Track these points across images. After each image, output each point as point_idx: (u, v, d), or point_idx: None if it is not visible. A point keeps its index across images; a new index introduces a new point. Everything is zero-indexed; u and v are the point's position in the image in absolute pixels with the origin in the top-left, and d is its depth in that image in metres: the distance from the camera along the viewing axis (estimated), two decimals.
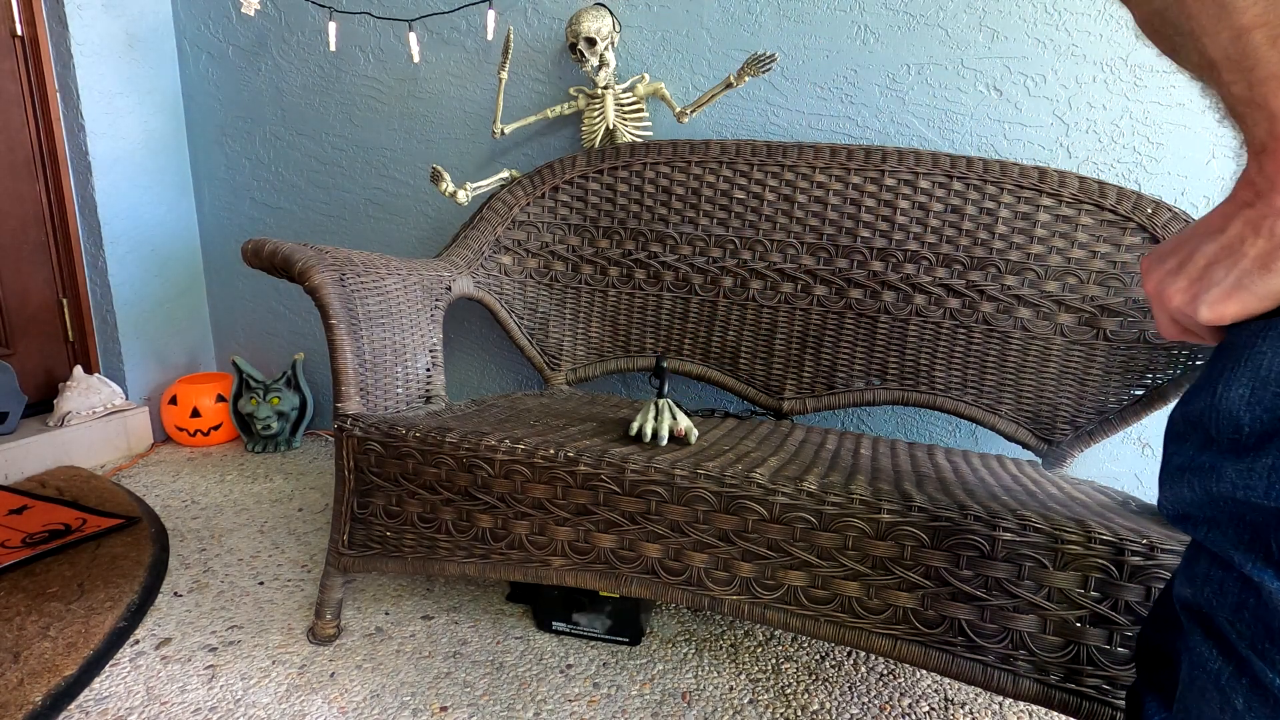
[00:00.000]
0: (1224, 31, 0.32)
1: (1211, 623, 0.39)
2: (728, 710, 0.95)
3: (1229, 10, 0.32)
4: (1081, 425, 1.19)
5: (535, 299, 1.44)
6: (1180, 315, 0.39)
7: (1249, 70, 0.32)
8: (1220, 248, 0.36)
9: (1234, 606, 0.37)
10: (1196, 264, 0.37)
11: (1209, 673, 0.39)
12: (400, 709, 0.93)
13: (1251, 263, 0.35)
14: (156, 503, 1.52)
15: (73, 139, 1.69)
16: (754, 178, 1.32)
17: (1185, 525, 0.40)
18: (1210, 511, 0.38)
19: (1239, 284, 0.35)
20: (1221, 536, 0.37)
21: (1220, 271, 0.36)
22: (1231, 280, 0.35)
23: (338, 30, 1.66)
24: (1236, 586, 0.37)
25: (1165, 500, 0.41)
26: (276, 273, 0.99)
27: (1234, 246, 0.36)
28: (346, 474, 1.00)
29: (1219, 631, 0.38)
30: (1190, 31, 0.34)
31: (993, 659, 0.76)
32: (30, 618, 1.07)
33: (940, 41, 1.31)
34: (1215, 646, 0.39)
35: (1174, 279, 0.38)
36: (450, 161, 1.67)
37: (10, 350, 1.69)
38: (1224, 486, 0.36)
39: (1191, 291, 0.37)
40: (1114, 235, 1.16)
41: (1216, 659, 0.38)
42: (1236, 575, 0.37)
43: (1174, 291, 0.38)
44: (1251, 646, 0.36)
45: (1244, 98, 0.33)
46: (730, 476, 0.83)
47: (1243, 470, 0.35)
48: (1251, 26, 0.31)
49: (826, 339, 1.30)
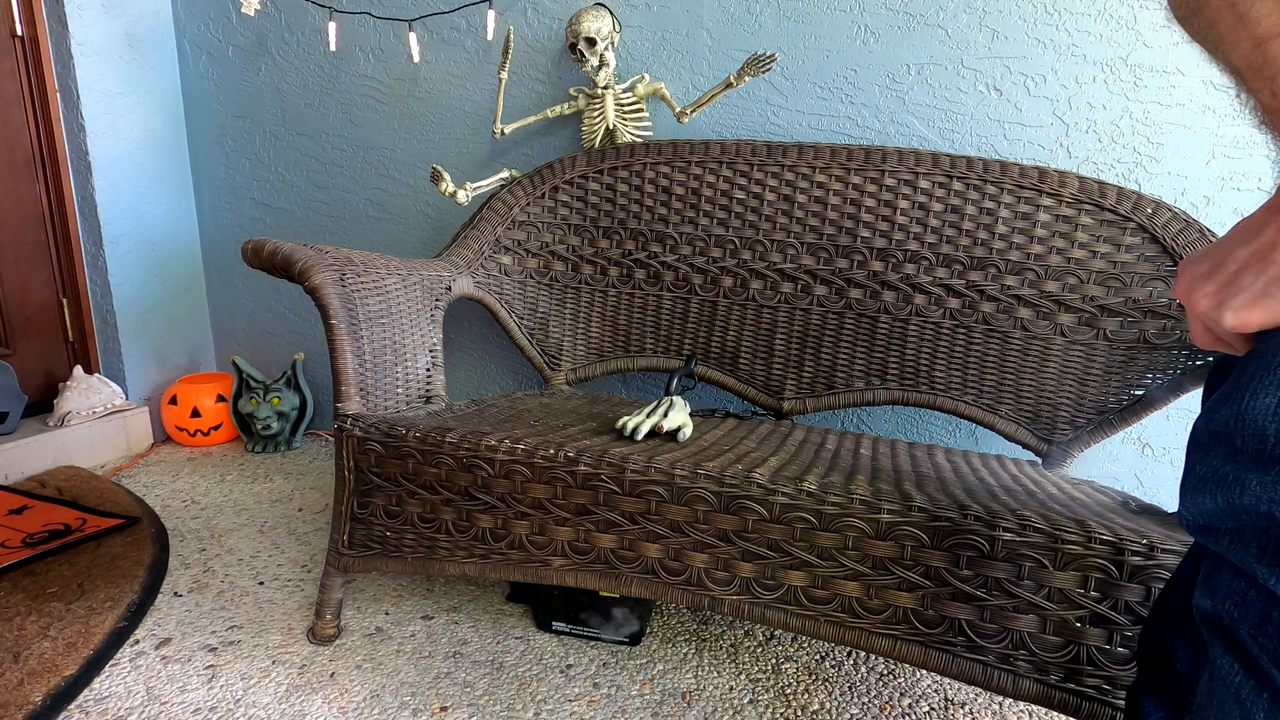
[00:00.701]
0: (1244, 41, 0.32)
1: (1234, 636, 0.38)
2: (728, 710, 0.95)
3: (1246, 20, 0.31)
4: (1081, 425, 1.19)
5: (535, 299, 1.44)
6: (1208, 320, 0.38)
7: (1272, 78, 0.32)
8: (1252, 253, 0.36)
9: (1257, 621, 0.36)
10: (1228, 269, 0.37)
11: (1229, 686, 0.38)
12: (400, 709, 0.93)
13: None
14: (156, 503, 1.52)
15: (73, 139, 1.69)
16: (754, 178, 1.32)
17: (1207, 537, 0.39)
18: (1233, 523, 0.37)
19: (1266, 291, 0.35)
20: (1245, 550, 0.36)
21: (1249, 277, 0.35)
22: (1259, 287, 0.35)
23: (338, 30, 1.66)
24: (1260, 600, 0.36)
25: (1186, 511, 0.40)
26: (276, 273, 0.99)
27: (1265, 253, 0.35)
28: (346, 474, 1.00)
29: (1241, 645, 0.38)
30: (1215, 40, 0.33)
31: (993, 659, 0.76)
32: (30, 618, 1.07)
33: (940, 41, 1.31)
34: (1237, 660, 0.38)
35: (1204, 283, 0.38)
36: (450, 161, 1.67)
37: (10, 350, 1.69)
38: (1248, 499, 0.35)
39: (1219, 297, 0.37)
40: (1114, 235, 1.16)
41: (1238, 673, 0.38)
42: (1260, 589, 0.36)
43: (1202, 296, 0.38)
44: (1275, 661, 0.35)
45: (1270, 106, 0.33)
46: (730, 476, 0.83)
47: (1268, 483, 0.34)
48: (1270, 35, 0.31)
49: (826, 339, 1.30)
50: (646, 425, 1.01)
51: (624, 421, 1.02)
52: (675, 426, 1.03)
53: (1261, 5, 0.31)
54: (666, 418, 1.04)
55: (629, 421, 1.02)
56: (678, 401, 1.10)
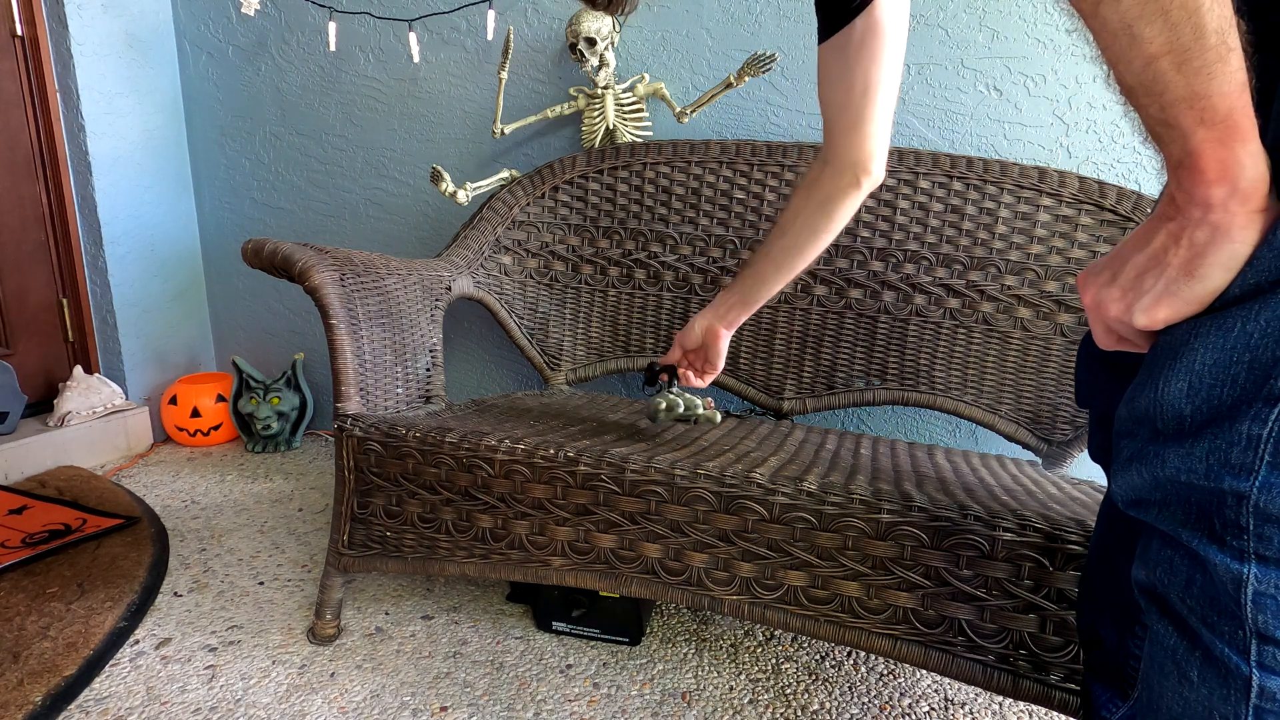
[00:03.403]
0: (1136, 60, 0.35)
1: (1166, 602, 0.41)
2: (728, 710, 0.95)
3: (1138, 40, 0.34)
4: (1081, 425, 1.19)
5: (535, 299, 1.44)
6: (1116, 324, 0.41)
7: (1160, 94, 0.35)
8: (1148, 258, 0.39)
9: (1184, 584, 0.40)
10: (1128, 275, 0.40)
11: (1166, 649, 0.41)
12: (400, 709, 0.93)
13: (1176, 270, 0.38)
14: (156, 503, 1.52)
15: (73, 139, 1.69)
16: (754, 178, 1.32)
17: (1138, 510, 0.43)
18: (1159, 494, 0.40)
19: (1167, 290, 0.38)
20: (1170, 517, 0.40)
21: (1150, 280, 0.39)
22: (1160, 287, 0.38)
23: (338, 30, 1.66)
24: (1185, 564, 0.40)
25: (1118, 489, 0.44)
26: (276, 273, 0.99)
27: (1160, 256, 0.39)
28: (346, 474, 1.00)
29: (1172, 609, 0.41)
30: (1110, 61, 0.37)
31: (993, 659, 0.76)
32: (30, 618, 1.07)
33: (940, 41, 1.31)
34: (1170, 624, 0.41)
35: (1109, 290, 0.41)
36: (450, 161, 1.67)
37: (10, 350, 1.69)
38: (1169, 471, 0.39)
39: (1126, 301, 0.40)
40: (1114, 235, 1.16)
41: (1172, 635, 0.41)
42: (1185, 552, 0.40)
43: (1110, 302, 0.41)
44: (1202, 620, 0.39)
45: (1159, 119, 0.36)
46: (730, 476, 0.83)
47: (1183, 455, 0.38)
48: (1158, 54, 0.34)
49: (826, 339, 1.30)
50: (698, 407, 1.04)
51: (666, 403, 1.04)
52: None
53: (1151, 27, 0.34)
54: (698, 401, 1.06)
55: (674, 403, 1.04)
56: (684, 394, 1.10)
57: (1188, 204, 0.37)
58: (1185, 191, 0.37)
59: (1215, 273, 0.36)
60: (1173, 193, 0.38)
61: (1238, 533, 0.36)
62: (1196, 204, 0.36)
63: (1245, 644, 0.37)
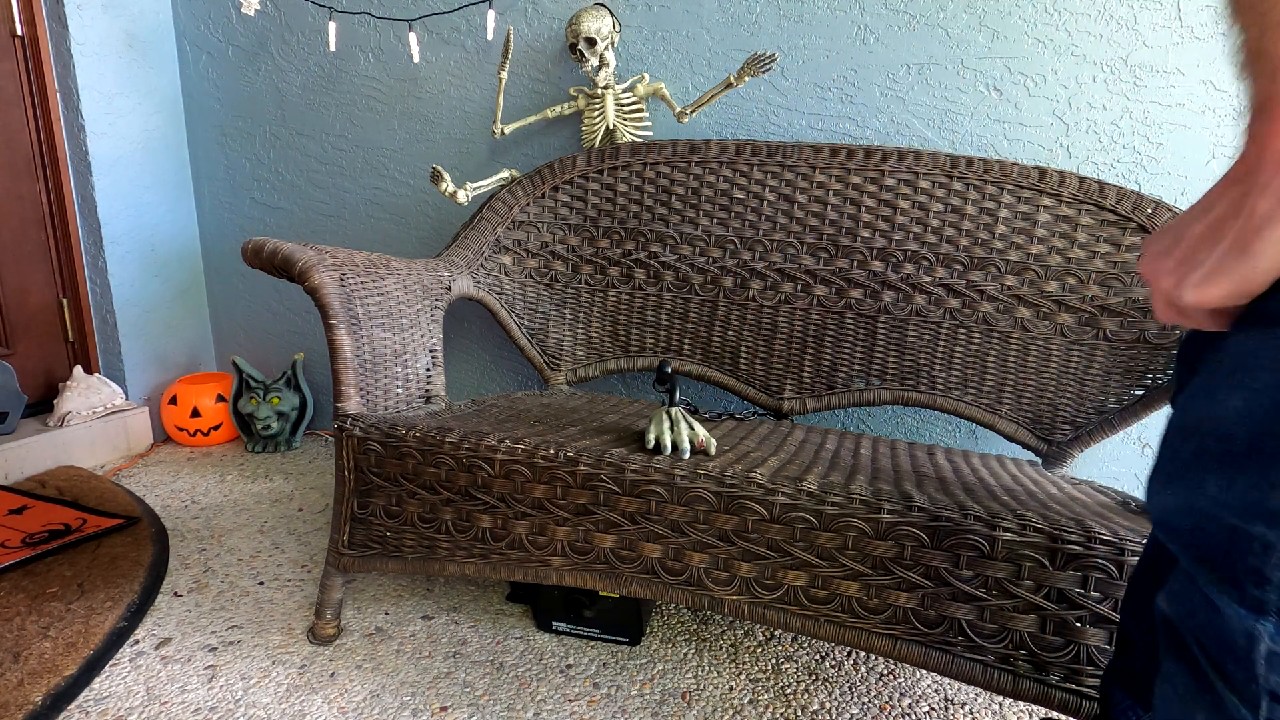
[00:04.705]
0: None
1: (1182, 640, 0.39)
2: (728, 710, 0.95)
3: None
4: (1081, 425, 1.19)
5: (535, 299, 1.44)
6: (1171, 297, 0.37)
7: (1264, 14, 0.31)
8: (1206, 228, 0.35)
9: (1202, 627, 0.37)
10: (1185, 245, 0.36)
11: (1177, 687, 0.39)
12: (400, 709, 0.93)
13: (1230, 244, 0.33)
14: (156, 503, 1.52)
15: (73, 139, 1.69)
16: (754, 178, 1.32)
17: (1164, 532, 0.40)
18: (1188, 523, 0.37)
19: (1219, 266, 0.34)
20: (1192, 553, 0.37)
21: (1204, 253, 0.35)
22: (1213, 262, 0.34)
23: (338, 30, 1.66)
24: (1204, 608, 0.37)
25: (1151, 505, 0.41)
26: (276, 273, 0.99)
27: (1217, 227, 0.34)
28: (346, 474, 1.00)
29: (1188, 650, 0.38)
30: None
31: (993, 659, 0.76)
32: (30, 618, 1.07)
33: (940, 41, 1.31)
34: (1184, 664, 0.39)
35: (1164, 260, 0.37)
36: (450, 161, 1.67)
37: (10, 350, 1.69)
38: (1205, 501, 0.35)
39: (1179, 274, 0.36)
40: (1114, 235, 1.16)
41: (1184, 675, 0.38)
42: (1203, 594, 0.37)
43: (1163, 274, 0.37)
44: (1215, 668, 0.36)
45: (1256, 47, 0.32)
46: (730, 476, 0.83)
47: (1223, 485, 0.34)
48: None
49: (826, 339, 1.30)
50: (686, 443, 0.91)
51: (655, 438, 0.93)
52: (705, 440, 0.94)
53: None
54: (695, 431, 0.95)
55: (664, 438, 0.92)
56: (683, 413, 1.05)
57: (1258, 161, 0.32)
58: (1258, 143, 0.32)
59: (1270, 250, 0.32)
60: (1245, 147, 0.33)
61: (1259, 581, 0.33)
62: (1268, 161, 0.32)
63: (1256, 700, 0.34)
